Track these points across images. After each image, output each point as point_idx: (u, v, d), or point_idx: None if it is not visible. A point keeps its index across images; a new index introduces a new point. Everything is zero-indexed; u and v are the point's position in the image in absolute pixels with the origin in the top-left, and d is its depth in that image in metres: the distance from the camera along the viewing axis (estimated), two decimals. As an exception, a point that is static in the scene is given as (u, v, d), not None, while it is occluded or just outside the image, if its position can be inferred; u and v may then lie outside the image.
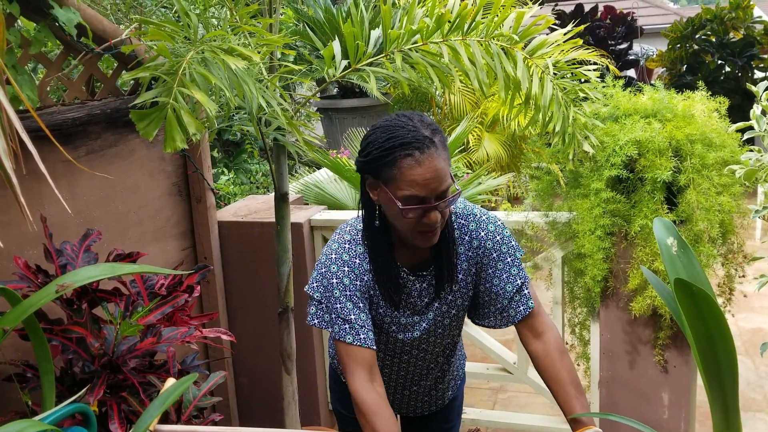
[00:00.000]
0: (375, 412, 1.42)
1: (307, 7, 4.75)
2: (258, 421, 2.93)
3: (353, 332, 1.48)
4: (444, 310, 1.60)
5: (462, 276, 1.58)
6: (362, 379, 1.46)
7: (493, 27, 1.89)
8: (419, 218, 1.41)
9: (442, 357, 1.73)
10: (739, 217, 2.24)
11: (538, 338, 1.58)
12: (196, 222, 2.69)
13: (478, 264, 1.58)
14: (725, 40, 7.81)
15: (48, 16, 1.96)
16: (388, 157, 1.38)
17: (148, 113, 1.50)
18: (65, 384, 1.77)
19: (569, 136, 2.08)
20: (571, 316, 2.61)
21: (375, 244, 1.52)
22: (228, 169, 5.42)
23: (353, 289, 1.51)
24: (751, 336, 4.00)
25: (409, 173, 1.37)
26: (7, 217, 1.88)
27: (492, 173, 4.66)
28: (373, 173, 1.44)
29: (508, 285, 1.56)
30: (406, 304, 1.58)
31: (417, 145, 1.37)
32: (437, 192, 1.39)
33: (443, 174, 1.39)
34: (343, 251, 1.53)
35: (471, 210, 1.60)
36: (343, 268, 1.52)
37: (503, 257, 1.57)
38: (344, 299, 1.50)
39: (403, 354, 1.67)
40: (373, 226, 1.51)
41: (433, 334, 1.63)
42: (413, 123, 1.40)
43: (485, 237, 1.57)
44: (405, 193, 1.38)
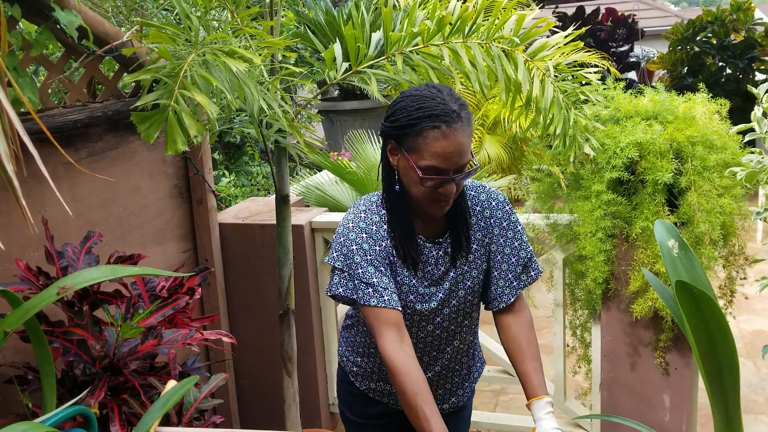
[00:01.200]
0: (404, 372, 1.45)
1: (308, 10, 4.76)
2: (259, 423, 2.93)
3: (377, 295, 1.51)
4: (459, 279, 1.63)
5: (476, 246, 1.63)
6: (391, 339, 1.48)
7: (494, 29, 1.89)
8: (436, 188, 1.46)
9: (457, 340, 1.72)
10: (741, 219, 2.24)
11: (514, 314, 1.64)
12: (197, 224, 2.69)
13: (491, 234, 1.63)
14: (726, 42, 7.81)
15: (49, 18, 1.96)
16: (415, 127, 1.42)
17: (150, 115, 1.50)
18: (66, 386, 1.77)
19: (570, 138, 2.08)
20: (572, 318, 2.60)
21: (395, 206, 1.56)
22: (229, 171, 5.42)
23: (373, 254, 1.54)
24: (753, 338, 4.00)
25: (434, 145, 1.41)
26: (9, 219, 1.88)
27: (493, 175, 4.66)
28: (397, 139, 1.48)
29: (521, 251, 1.63)
30: (424, 274, 1.61)
31: (445, 118, 1.41)
32: (457, 165, 1.44)
33: (465, 149, 1.44)
34: (359, 220, 1.57)
35: (479, 183, 1.67)
36: (362, 234, 1.55)
37: (513, 226, 1.64)
38: (365, 264, 1.53)
39: (420, 330, 1.67)
40: (393, 190, 1.55)
41: (448, 306, 1.65)
42: (443, 96, 1.44)
43: (496, 207, 1.63)
44: (426, 163, 1.43)
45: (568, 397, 2.78)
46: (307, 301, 2.79)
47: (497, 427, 2.89)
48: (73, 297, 1.80)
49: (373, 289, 1.52)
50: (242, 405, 2.97)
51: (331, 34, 4.49)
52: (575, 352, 2.64)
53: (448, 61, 1.83)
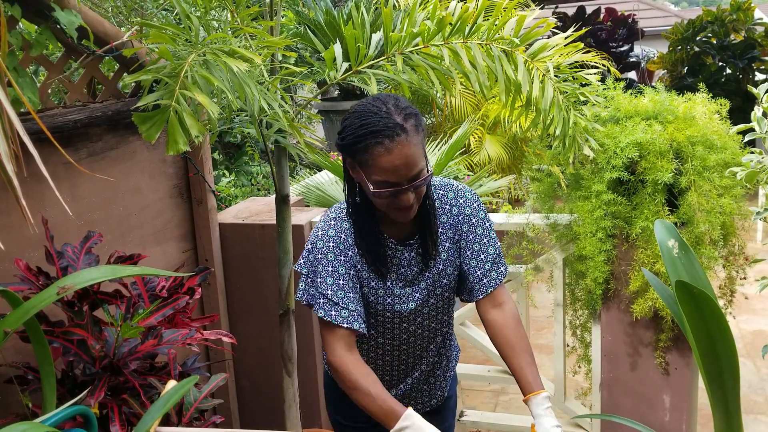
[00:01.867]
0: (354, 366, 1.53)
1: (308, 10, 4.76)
2: (259, 423, 2.93)
3: (334, 310, 1.55)
4: (435, 279, 1.64)
5: (449, 244, 1.64)
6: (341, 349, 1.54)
7: (494, 30, 1.89)
8: (392, 199, 1.47)
9: (438, 333, 1.74)
10: (741, 219, 2.24)
11: (498, 308, 1.63)
12: (197, 224, 2.69)
13: (460, 231, 1.64)
14: (726, 42, 7.81)
15: (49, 18, 1.96)
16: (360, 144, 1.44)
17: (151, 116, 1.50)
18: (66, 386, 1.77)
19: (570, 139, 2.08)
20: (573, 318, 2.60)
21: (359, 218, 1.58)
22: (229, 171, 5.42)
23: (337, 265, 1.57)
24: (753, 338, 4.00)
25: (380, 160, 1.42)
26: (9, 219, 1.88)
27: (493, 175, 4.66)
28: (349, 155, 1.50)
29: (490, 248, 1.64)
30: (398, 276, 1.63)
31: (387, 133, 1.41)
32: (408, 176, 1.45)
33: (414, 160, 1.44)
34: (329, 227, 1.60)
35: (447, 181, 1.68)
36: (328, 243, 1.58)
37: (482, 222, 1.64)
38: (327, 276, 1.56)
39: (401, 332, 1.68)
40: (355, 202, 1.58)
41: (427, 305, 1.67)
42: (387, 108, 1.45)
43: (464, 204, 1.64)
44: (376, 178, 1.45)
45: (568, 397, 2.78)
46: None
47: (497, 427, 2.89)
48: (73, 297, 1.80)
49: (329, 304, 1.55)
50: (242, 405, 2.97)
51: (331, 34, 4.49)
52: (575, 352, 2.64)
53: (448, 61, 1.83)
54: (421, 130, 1.47)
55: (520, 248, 2.59)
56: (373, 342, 1.71)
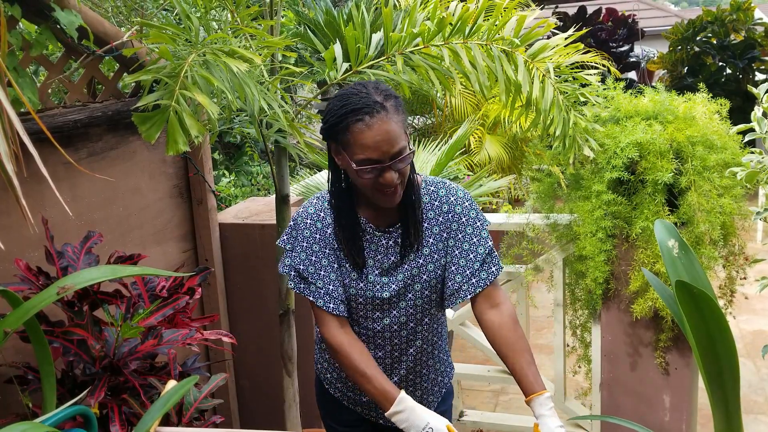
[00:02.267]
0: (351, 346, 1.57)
1: (308, 10, 4.76)
2: (259, 423, 2.93)
3: (304, 284, 1.62)
4: (414, 273, 1.63)
5: (433, 240, 1.63)
6: (334, 328, 1.60)
7: (494, 30, 1.89)
8: (376, 178, 1.48)
9: (420, 336, 1.70)
10: (741, 219, 2.24)
11: (495, 308, 1.61)
12: (197, 224, 2.69)
13: (449, 229, 1.63)
14: (726, 42, 7.81)
15: (49, 18, 1.96)
16: (341, 123, 1.46)
17: (151, 116, 1.50)
18: (66, 386, 1.77)
19: (570, 139, 2.08)
20: (573, 318, 2.60)
21: (339, 204, 1.61)
22: (229, 171, 5.42)
23: (311, 242, 1.61)
24: (753, 338, 4.00)
25: (360, 137, 1.45)
26: (9, 219, 1.88)
27: (493, 175, 4.65)
28: (333, 139, 1.52)
29: (480, 247, 1.61)
30: (374, 262, 1.63)
31: (367, 110, 1.44)
32: (390, 153, 1.46)
33: (394, 135, 1.45)
34: (310, 205, 1.64)
35: (440, 180, 1.68)
36: (306, 220, 1.62)
37: (473, 221, 1.63)
38: (301, 251, 1.61)
39: (375, 322, 1.66)
40: (339, 188, 1.60)
41: (404, 299, 1.64)
42: (367, 90, 1.48)
43: (455, 202, 1.63)
44: (359, 156, 1.46)
45: (568, 397, 2.78)
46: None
47: (497, 427, 2.89)
48: (73, 297, 1.80)
49: (299, 278, 1.62)
50: (242, 405, 2.97)
51: (332, 34, 4.49)
52: (575, 352, 2.64)
53: (448, 61, 1.83)
54: (401, 112, 1.49)
55: (520, 248, 2.59)
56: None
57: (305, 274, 1.61)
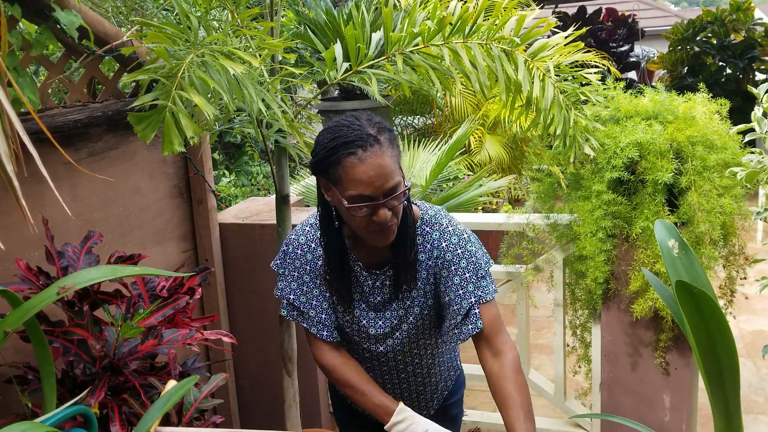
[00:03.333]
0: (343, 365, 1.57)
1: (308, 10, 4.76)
2: (259, 423, 2.93)
3: (297, 312, 1.61)
4: (401, 313, 1.59)
5: (421, 284, 1.56)
6: (327, 350, 1.61)
7: (494, 30, 1.89)
8: (369, 216, 1.41)
9: (417, 358, 1.69)
10: (741, 219, 2.24)
11: (496, 357, 1.50)
12: (197, 224, 2.69)
13: (438, 275, 1.55)
14: (726, 42, 7.81)
15: (49, 18, 1.96)
16: (332, 157, 1.39)
17: (146, 116, 1.50)
18: (66, 386, 1.77)
19: (570, 138, 2.08)
20: (573, 318, 2.60)
21: (330, 242, 1.55)
22: (229, 171, 5.42)
23: (302, 273, 1.59)
24: (753, 338, 4.00)
25: (353, 172, 1.37)
26: (9, 219, 1.88)
27: (493, 175, 4.66)
28: (322, 174, 1.45)
29: (464, 301, 1.51)
30: (361, 297, 1.61)
31: (360, 144, 1.37)
32: (383, 189, 1.38)
33: (388, 171, 1.38)
34: (301, 233, 1.61)
35: (438, 219, 1.57)
36: (297, 250, 1.60)
37: (462, 272, 1.52)
38: (292, 281, 1.60)
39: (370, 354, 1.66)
40: (330, 225, 1.53)
41: (391, 336, 1.62)
42: (359, 122, 1.42)
43: (445, 248, 1.53)
44: (351, 193, 1.39)
45: (568, 397, 2.78)
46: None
47: (497, 427, 2.89)
48: (73, 297, 1.80)
49: (291, 307, 1.62)
50: (242, 405, 2.97)
51: (332, 34, 4.49)
52: (575, 352, 2.64)
53: (448, 61, 1.82)
54: (396, 147, 1.42)
55: (520, 248, 2.59)
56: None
57: (296, 304, 1.60)
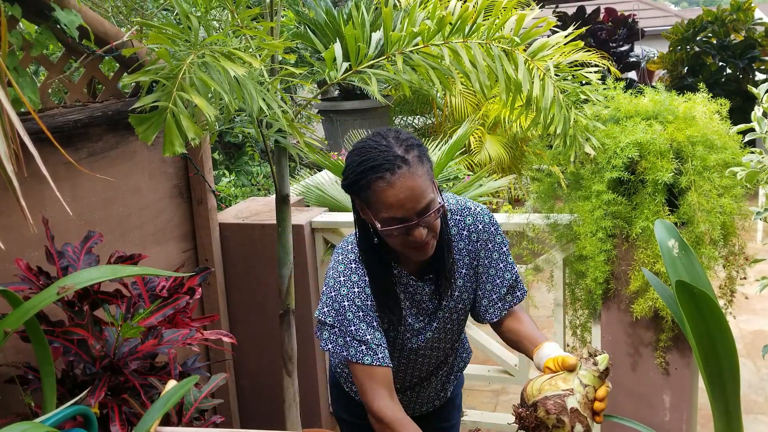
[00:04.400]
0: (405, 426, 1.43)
1: (308, 10, 4.76)
2: (259, 423, 2.93)
3: (371, 352, 1.48)
4: (452, 307, 1.63)
5: (465, 271, 1.61)
6: (384, 397, 1.46)
7: (494, 29, 1.89)
8: (405, 236, 1.40)
9: (450, 351, 1.75)
10: (741, 219, 2.24)
11: (511, 315, 1.65)
12: (198, 224, 2.69)
13: (478, 257, 1.61)
14: (726, 42, 7.81)
15: (50, 18, 1.96)
16: (362, 181, 1.37)
17: (148, 117, 1.50)
18: (66, 386, 1.77)
19: (570, 138, 2.08)
20: (573, 318, 2.60)
21: (371, 263, 1.52)
22: (229, 171, 5.42)
23: (366, 309, 1.50)
24: (753, 338, 4.00)
25: (383, 196, 1.35)
26: (9, 219, 1.88)
27: (493, 175, 4.66)
28: (356, 195, 1.43)
29: (506, 273, 1.62)
30: (419, 310, 1.60)
31: (388, 167, 1.35)
32: (416, 210, 1.37)
33: (420, 191, 1.36)
34: (351, 272, 1.52)
35: (464, 204, 1.61)
36: (353, 289, 1.50)
37: (499, 247, 1.61)
38: (358, 321, 1.49)
39: (417, 357, 1.68)
40: (369, 246, 1.51)
41: (443, 331, 1.66)
42: (386, 142, 1.39)
43: (482, 229, 1.60)
44: (383, 215, 1.37)
45: (568, 397, 2.78)
46: (307, 300, 2.79)
47: (497, 427, 2.89)
48: (73, 297, 1.80)
49: (366, 347, 1.48)
50: (242, 405, 2.97)
51: (332, 34, 4.49)
52: (575, 352, 2.63)
53: (448, 61, 1.82)
54: (426, 161, 1.40)
55: (520, 248, 2.59)
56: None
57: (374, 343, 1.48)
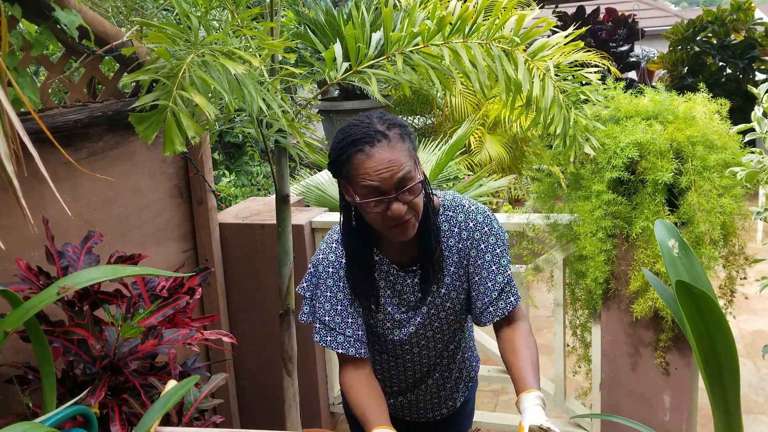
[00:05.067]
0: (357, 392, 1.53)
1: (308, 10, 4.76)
2: (259, 423, 2.93)
3: (330, 336, 1.56)
4: (438, 303, 1.61)
5: (454, 269, 1.58)
6: (350, 372, 1.56)
7: (494, 29, 1.89)
8: (384, 212, 1.42)
9: (446, 353, 1.73)
10: (741, 219, 2.24)
11: (510, 324, 1.58)
12: (198, 224, 2.69)
13: (468, 256, 1.58)
14: (726, 42, 7.81)
15: (49, 18, 1.96)
16: (343, 155, 1.41)
17: (148, 116, 1.50)
18: (66, 386, 1.77)
19: (570, 138, 2.08)
20: (573, 318, 2.60)
21: (352, 247, 1.55)
22: (229, 171, 5.42)
23: (335, 290, 1.56)
24: (753, 338, 4.00)
25: (361, 167, 1.39)
26: (9, 219, 1.88)
27: (493, 175, 4.66)
28: (338, 175, 1.46)
29: (498, 276, 1.56)
30: (400, 301, 1.60)
31: (367, 140, 1.39)
32: (392, 182, 1.39)
33: (397, 163, 1.39)
34: (330, 251, 1.58)
35: (459, 201, 1.60)
36: (328, 268, 1.57)
37: (492, 249, 1.56)
38: (325, 301, 1.56)
39: (404, 353, 1.67)
40: (350, 228, 1.54)
41: (430, 329, 1.64)
42: (370, 120, 1.43)
43: (474, 228, 1.57)
44: (362, 189, 1.40)
45: (568, 397, 2.78)
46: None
47: (497, 427, 2.89)
48: (73, 297, 1.80)
49: (326, 329, 1.57)
50: (242, 405, 2.97)
51: (332, 34, 4.49)
52: (575, 352, 2.64)
53: (448, 61, 1.82)
54: (407, 141, 1.43)
55: (520, 248, 2.59)
56: (378, 357, 1.71)
57: (332, 325, 1.55)
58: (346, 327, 1.55)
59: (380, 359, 1.71)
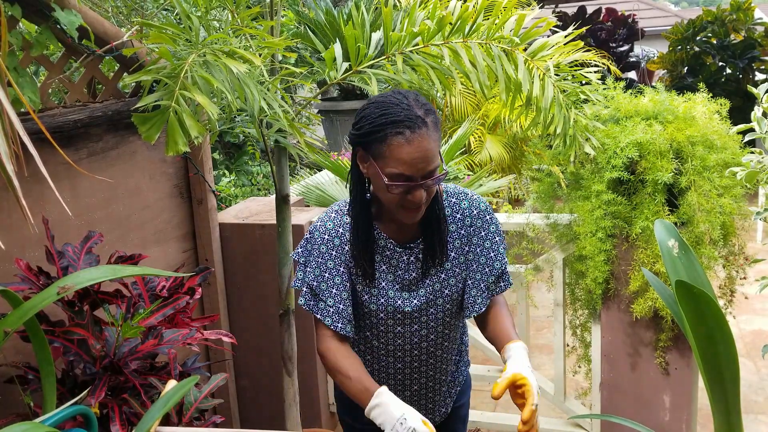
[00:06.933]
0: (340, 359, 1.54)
1: (308, 10, 4.76)
2: (259, 423, 2.93)
3: (314, 301, 1.59)
4: (437, 288, 1.62)
5: (454, 254, 1.61)
6: (329, 340, 1.58)
7: (494, 29, 1.89)
8: (404, 195, 1.44)
9: (438, 350, 1.71)
10: (741, 219, 2.24)
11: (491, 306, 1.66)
12: (198, 224, 2.69)
13: (470, 243, 1.62)
14: (726, 42, 7.81)
15: (50, 18, 1.96)
16: (379, 133, 1.41)
17: (151, 116, 1.50)
18: (66, 386, 1.77)
19: (570, 138, 2.08)
20: (572, 318, 2.61)
21: (358, 215, 1.56)
22: (229, 171, 5.42)
23: (327, 258, 1.57)
24: (753, 338, 4.00)
25: (398, 151, 1.39)
26: (9, 219, 1.88)
27: (493, 175, 4.66)
28: (364, 147, 1.47)
29: (496, 263, 1.61)
30: (395, 277, 1.60)
31: (408, 124, 1.39)
32: (424, 172, 1.41)
33: (432, 154, 1.41)
34: (328, 219, 1.60)
35: (462, 189, 1.65)
36: (323, 235, 1.58)
37: (492, 236, 1.62)
38: (315, 267, 1.57)
39: (395, 336, 1.66)
40: (360, 199, 1.55)
41: (425, 314, 1.63)
42: (408, 101, 1.43)
43: (477, 215, 1.61)
44: (392, 170, 1.41)
45: (568, 397, 2.78)
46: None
47: (497, 427, 2.89)
48: (73, 297, 1.80)
49: (310, 294, 1.59)
50: (242, 405, 2.97)
51: (332, 34, 4.49)
52: (575, 352, 2.64)
53: (448, 60, 1.83)
54: (439, 130, 1.45)
55: (520, 248, 2.59)
56: (368, 345, 1.70)
57: (317, 291, 1.57)
58: (328, 296, 1.57)
59: (371, 347, 1.69)
